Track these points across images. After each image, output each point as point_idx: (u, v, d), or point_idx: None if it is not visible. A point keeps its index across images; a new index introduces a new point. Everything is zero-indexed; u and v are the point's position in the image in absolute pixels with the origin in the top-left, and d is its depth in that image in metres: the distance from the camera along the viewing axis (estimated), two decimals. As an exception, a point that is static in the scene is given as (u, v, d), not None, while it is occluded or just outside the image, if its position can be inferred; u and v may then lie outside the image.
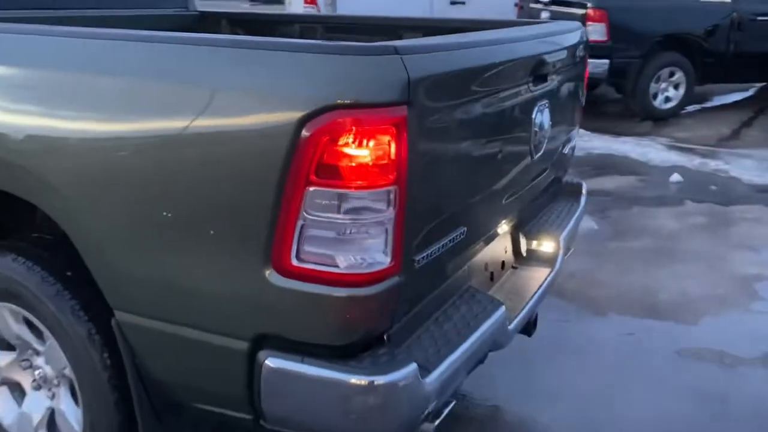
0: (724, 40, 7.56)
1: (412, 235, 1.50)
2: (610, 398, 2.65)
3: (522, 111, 1.91)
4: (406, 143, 1.39)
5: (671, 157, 6.20)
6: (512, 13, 8.75)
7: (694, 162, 6.08)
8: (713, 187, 5.39)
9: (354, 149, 1.36)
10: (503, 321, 1.89)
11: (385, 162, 1.38)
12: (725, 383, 2.76)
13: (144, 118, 1.54)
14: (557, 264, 2.37)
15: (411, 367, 1.48)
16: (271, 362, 1.50)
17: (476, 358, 1.82)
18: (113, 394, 1.80)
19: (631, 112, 7.74)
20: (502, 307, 1.89)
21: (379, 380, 1.45)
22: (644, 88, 7.46)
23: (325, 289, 1.43)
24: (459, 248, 1.75)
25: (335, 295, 1.43)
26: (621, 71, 7.35)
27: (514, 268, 2.37)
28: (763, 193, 5.21)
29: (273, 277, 1.45)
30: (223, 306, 1.54)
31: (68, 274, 1.81)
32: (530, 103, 1.95)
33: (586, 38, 2.57)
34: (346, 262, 1.42)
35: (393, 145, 1.38)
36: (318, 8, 7.76)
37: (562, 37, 2.22)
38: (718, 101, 8.80)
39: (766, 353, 2.97)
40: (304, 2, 7.79)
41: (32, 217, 2.00)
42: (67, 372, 1.90)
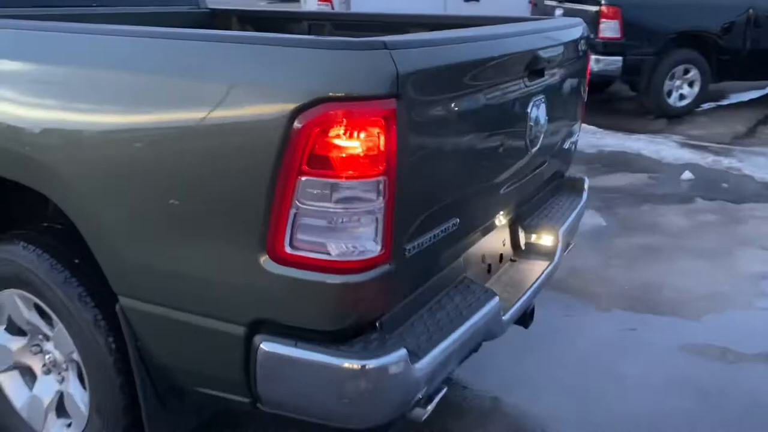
0: (739, 37, 7.49)
1: (403, 224, 1.55)
2: (608, 392, 2.67)
3: (516, 105, 1.95)
4: (395, 135, 1.43)
5: (684, 155, 6.17)
6: (526, 10, 8.75)
7: (707, 160, 6.05)
8: (725, 185, 5.37)
9: (344, 140, 1.41)
10: (497, 311, 1.93)
11: (374, 153, 1.43)
12: (726, 379, 2.77)
13: (144, 112, 1.60)
14: (556, 257, 2.40)
15: (401, 352, 1.53)
16: (266, 346, 1.56)
17: (469, 347, 1.86)
18: (118, 378, 1.86)
19: (645, 109, 7.71)
20: (496, 297, 1.93)
21: (369, 364, 1.49)
22: (658, 86, 7.42)
23: (318, 275, 1.48)
24: (452, 239, 1.79)
25: (327, 281, 1.48)
26: (635, 68, 7.32)
27: (513, 261, 2.40)
28: (776, 191, 5.19)
29: (268, 264, 1.51)
30: (220, 292, 1.60)
31: (76, 261, 1.88)
32: (526, 97, 1.99)
33: (587, 34, 2.60)
34: (338, 249, 1.47)
35: (382, 136, 1.42)
36: (332, 6, 7.82)
37: (560, 32, 2.24)
38: (734, 99, 8.72)
39: (770, 350, 2.98)
40: (318, 0, 7.85)
41: (45, 207, 2.08)
42: (74, 356, 1.97)
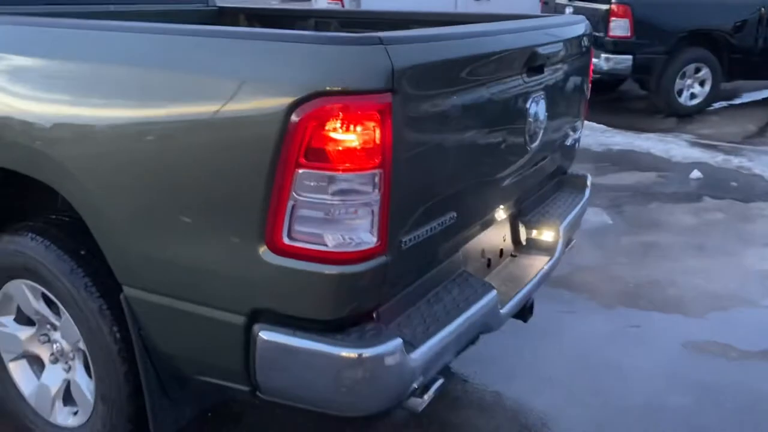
0: (752, 36, 7.45)
1: (399, 217, 1.58)
2: (608, 387, 2.69)
3: (515, 101, 1.97)
4: (390, 129, 1.46)
5: (694, 154, 6.14)
6: (537, 9, 8.74)
7: (716, 159, 6.02)
8: (734, 184, 5.34)
9: (341, 134, 1.44)
10: (494, 304, 1.95)
11: (370, 146, 1.46)
12: (728, 376, 2.77)
13: (145, 108, 1.64)
14: (556, 253, 2.42)
15: (396, 342, 1.56)
16: (265, 335, 1.60)
17: (466, 339, 1.89)
18: (122, 367, 1.91)
19: (656, 108, 7.68)
20: (494, 291, 1.95)
21: (364, 353, 1.53)
22: (669, 85, 7.40)
23: (315, 266, 1.52)
24: (449, 233, 1.82)
25: (324, 272, 1.52)
26: (645, 67, 7.30)
27: (513, 257, 2.43)
28: (786, 191, 5.16)
29: (266, 254, 1.54)
30: (221, 282, 1.63)
31: (82, 253, 1.93)
32: (524, 93, 2.01)
33: (589, 31, 2.61)
34: (335, 241, 1.50)
35: (378, 130, 1.45)
36: (342, 4, 7.86)
37: (561, 29, 2.26)
38: (746, 98, 8.67)
39: (773, 348, 2.98)
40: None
41: (54, 201, 2.12)
42: (80, 345, 2.02)
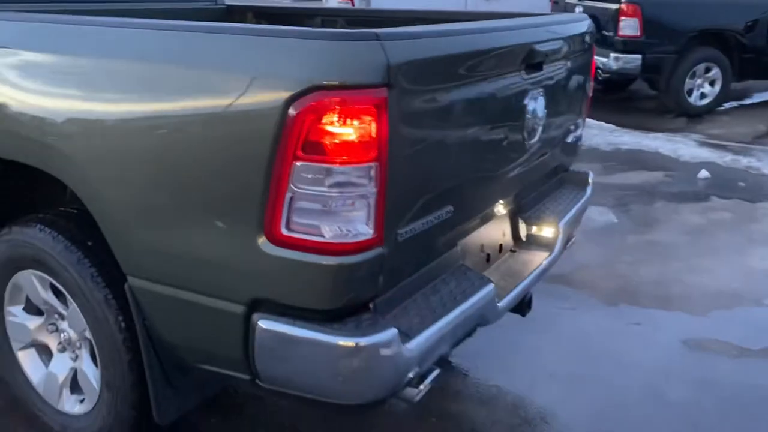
0: (763, 36, 7.41)
1: (395, 209, 1.61)
2: (608, 383, 2.70)
3: (512, 97, 2.00)
4: (386, 123, 1.50)
5: (702, 154, 6.13)
6: (547, 8, 8.73)
7: (725, 159, 6.01)
8: (742, 184, 5.33)
9: (337, 127, 1.48)
10: (491, 298, 1.98)
11: (366, 140, 1.49)
12: (728, 373, 2.79)
13: (149, 102, 1.69)
14: (555, 249, 2.44)
15: (391, 332, 1.60)
16: (264, 324, 1.64)
17: (462, 331, 1.92)
18: (127, 355, 1.96)
19: (666, 108, 7.66)
20: (491, 284, 1.98)
21: (360, 342, 1.56)
22: (678, 84, 7.38)
23: (312, 257, 1.56)
24: (446, 226, 1.85)
25: (321, 262, 1.55)
26: (655, 67, 7.29)
27: (513, 252, 2.45)
28: (794, 191, 5.15)
29: (265, 245, 1.58)
30: (221, 272, 1.67)
31: (89, 244, 1.98)
32: (522, 89, 2.04)
33: (591, 29, 2.63)
34: (331, 232, 1.54)
35: (374, 124, 1.49)
36: (352, 3, 7.90)
37: (561, 27, 2.29)
38: (757, 98, 8.62)
39: (775, 346, 2.99)
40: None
41: (63, 194, 2.17)
42: (87, 334, 2.07)
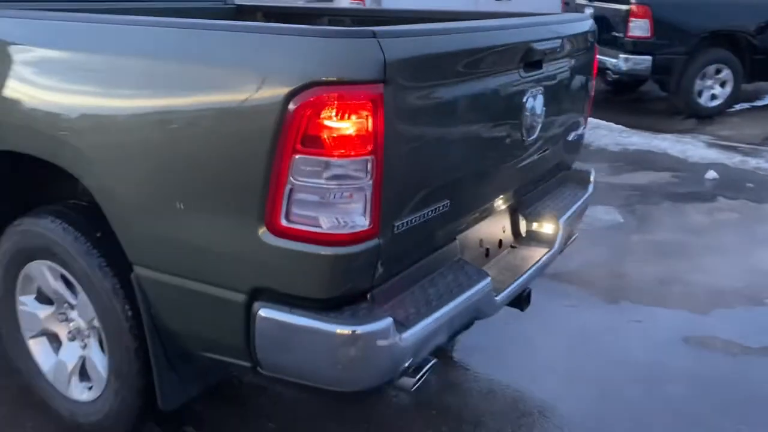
0: (774, 37, 7.40)
1: (391, 202, 1.66)
2: (607, 379, 2.73)
3: (510, 95, 2.04)
4: (382, 117, 1.55)
5: (711, 155, 6.12)
6: (557, 10, 8.74)
7: (733, 160, 6.00)
8: (750, 185, 5.33)
9: (335, 122, 1.53)
10: (488, 291, 2.02)
11: (363, 134, 1.55)
12: (727, 370, 2.81)
13: (155, 98, 1.75)
14: (555, 245, 2.48)
15: (387, 321, 1.65)
16: (264, 312, 1.69)
17: (459, 323, 1.96)
18: (134, 343, 2.02)
19: (676, 109, 7.65)
20: (488, 278, 2.02)
21: (356, 330, 1.61)
22: (689, 86, 7.37)
23: (310, 247, 1.61)
24: (442, 220, 1.90)
25: (319, 252, 1.61)
26: (665, 68, 7.28)
27: (513, 248, 2.49)
28: (802, 192, 5.14)
29: (266, 236, 1.64)
30: (223, 261, 1.73)
31: (97, 235, 2.04)
32: (521, 87, 2.08)
33: (593, 29, 2.67)
34: (329, 223, 1.59)
35: (370, 119, 1.54)
36: (363, 4, 7.95)
37: (561, 26, 2.32)
38: (769, 100, 8.60)
39: (775, 344, 3.00)
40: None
41: (75, 187, 2.24)
42: (95, 323, 2.13)
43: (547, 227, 2.51)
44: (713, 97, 7.54)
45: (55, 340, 2.35)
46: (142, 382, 2.05)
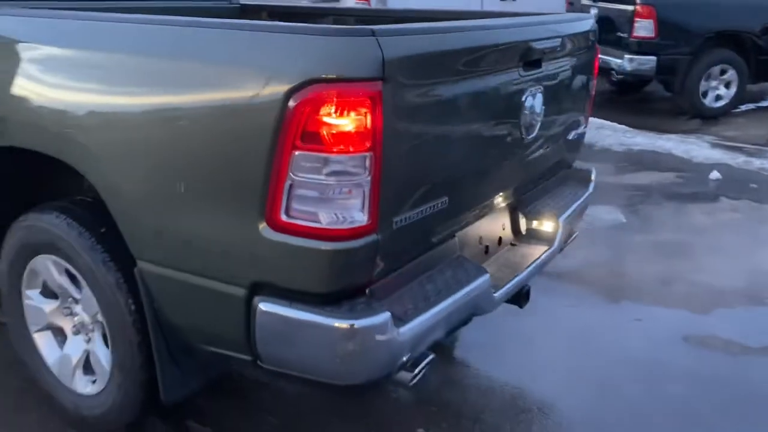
0: (780, 38, 7.39)
1: (389, 198, 1.68)
2: (606, 376, 2.75)
3: (509, 94, 2.06)
4: (381, 114, 1.57)
5: (715, 155, 6.12)
6: (562, 10, 8.75)
7: (737, 160, 6.00)
8: (754, 185, 5.33)
9: (334, 118, 1.55)
10: (487, 288, 2.05)
11: (362, 131, 1.57)
12: (726, 369, 2.82)
13: (160, 95, 1.78)
14: (555, 243, 2.50)
15: (384, 315, 1.67)
16: (264, 307, 1.72)
17: (456, 319, 1.98)
18: (137, 337, 2.04)
19: (681, 110, 7.65)
20: (486, 275, 2.04)
21: (354, 324, 1.64)
22: (693, 86, 7.36)
23: (309, 242, 1.63)
24: (441, 216, 1.92)
25: (318, 247, 1.63)
26: (669, 68, 7.28)
27: (513, 245, 2.51)
28: (806, 192, 5.14)
29: (266, 231, 1.66)
30: (224, 256, 1.76)
31: (102, 230, 2.07)
32: (520, 86, 2.10)
33: (594, 29, 2.68)
34: (328, 218, 1.62)
35: (369, 115, 1.56)
36: (369, 4, 7.97)
37: (561, 26, 2.34)
38: (774, 101, 8.58)
39: (775, 344, 3.01)
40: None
41: (81, 184, 2.27)
42: (99, 317, 2.16)
43: (547, 225, 2.53)
44: (718, 97, 7.53)
45: (59, 334, 2.39)
46: (144, 376, 2.08)
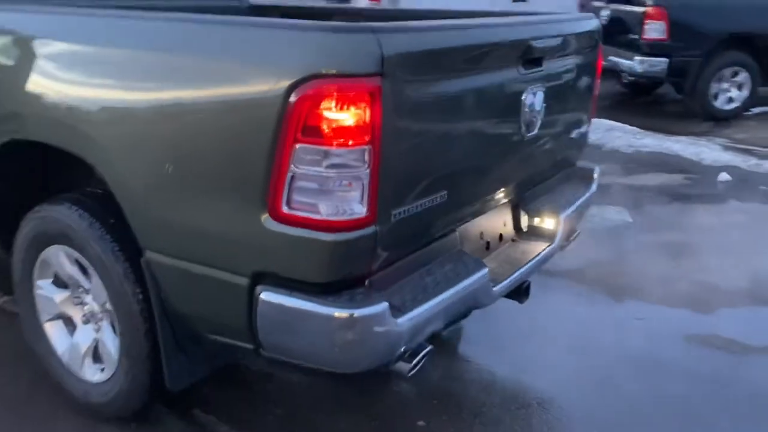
0: (793, 40, 7.35)
1: (388, 190, 1.72)
2: (607, 374, 2.77)
3: (509, 91, 2.09)
4: (380, 109, 1.62)
5: (724, 157, 6.11)
6: (575, 11, 8.75)
7: (748, 163, 5.98)
8: (763, 188, 5.32)
9: (334, 113, 1.60)
10: (485, 282, 2.08)
11: (361, 125, 1.62)
12: (727, 368, 2.83)
13: (167, 90, 1.83)
14: (556, 240, 2.52)
15: (382, 305, 1.71)
16: (266, 296, 1.76)
17: (455, 311, 2.02)
18: (144, 325, 2.10)
19: (692, 112, 7.64)
20: (486, 269, 2.08)
21: (352, 313, 1.68)
22: (704, 88, 7.35)
23: (309, 233, 1.68)
24: (440, 210, 1.96)
25: (318, 238, 1.68)
26: (681, 70, 7.27)
27: (514, 242, 2.54)
28: (815, 195, 5.12)
29: (268, 222, 1.71)
30: (228, 246, 1.81)
31: (111, 221, 2.13)
32: (520, 84, 2.13)
33: (597, 29, 2.71)
34: (327, 210, 1.66)
35: (368, 110, 1.61)
36: (380, 3, 8.03)
37: (563, 25, 2.37)
38: (788, 104, 8.52)
39: (778, 343, 3.02)
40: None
41: (91, 176, 2.33)
42: (108, 306, 2.22)
43: (548, 222, 2.56)
44: (730, 100, 7.52)
45: (69, 324, 2.45)
46: (151, 363, 2.14)
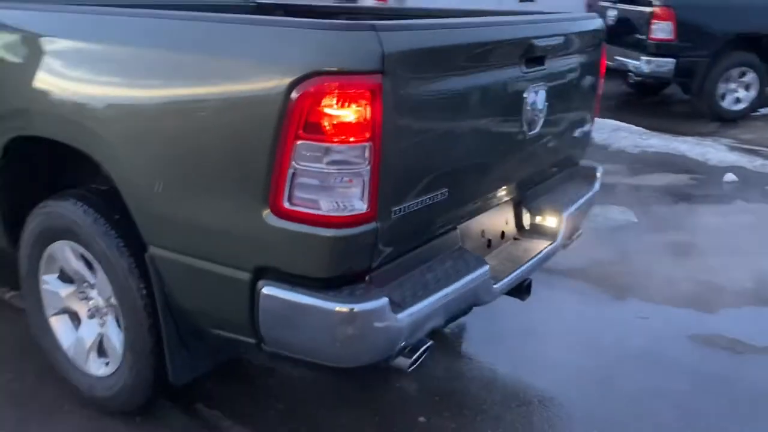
0: (801, 41, 7.32)
1: (388, 187, 1.74)
2: (609, 373, 2.78)
3: (510, 90, 2.10)
4: (380, 106, 1.64)
5: (731, 158, 6.09)
6: (582, 11, 8.74)
7: (755, 163, 5.97)
8: (769, 188, 5.31)
9: (335, 110, 1.62)
10: (486, 279, 2.09)
11: (362, 122, 1.63)
12: (730, 368, 2.83)
13: (171, 88, 1.86)
14: (558, 238, 2.53)
15: (382, 300, 1.73)
16: (267, 290, 1.78)
17: (455, 308, 2.03)
18: (148, 320, 2.12)
19: (699, 112, 7.62)
20: (486, 266, 2.09)
21: (353, 308, 1.70)
22: (712, 89, 7.33)
23: (310, 228, 1.70)
24: (440, 207, 1.97)
25: (318, 234, 1.69)
26: (688, 70, 7.25)
27: (516, 240, 2.55)
28: (821, 196, 5.10)
29: (269, 217, 1.73)
30: (230, 242, 1.83)
31: (115, 217, 2.16)
32: (521, 82, 2.14)
33: (601, 28, 2.72)
34: (328, 206, 1.68)
35: (369, 107, 1.63)
36: (386, 2, 8.04)
37: (566, 25, 2.38)
38: (796, 104, 8.48)
39: (781, 344, 3.01)
40: (375, -1, 8.10)
41: (97, 173, 2.36)
42: (112, 301, 2.25)
43: (550, 221, 2.57)
44: (737, 100, 7.49)
45: (75, 318, 2.48)
46: (155, 358, 2.16)
